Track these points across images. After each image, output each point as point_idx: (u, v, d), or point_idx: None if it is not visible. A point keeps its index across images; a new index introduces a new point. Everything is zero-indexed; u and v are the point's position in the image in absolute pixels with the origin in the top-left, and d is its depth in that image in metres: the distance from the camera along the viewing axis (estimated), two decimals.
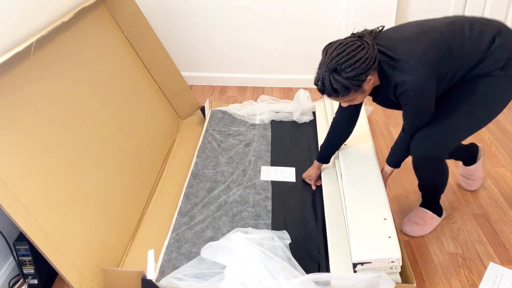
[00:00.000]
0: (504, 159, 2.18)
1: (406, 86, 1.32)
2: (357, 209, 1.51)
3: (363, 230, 1.43)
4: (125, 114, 1.88)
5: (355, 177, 1.65)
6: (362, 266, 1.35)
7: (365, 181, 1.62)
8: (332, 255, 1.47)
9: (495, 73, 1.40)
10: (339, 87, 1.30)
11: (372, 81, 1.36)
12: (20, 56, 1.40)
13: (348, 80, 1.29)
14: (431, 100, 1.39)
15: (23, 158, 1.29)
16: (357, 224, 1.45)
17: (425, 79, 1.32)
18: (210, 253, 1.47)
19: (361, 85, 1.32)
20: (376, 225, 1.43)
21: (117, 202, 1.62)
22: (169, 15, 2.79)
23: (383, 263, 1.34)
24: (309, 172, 1.84)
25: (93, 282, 1.37)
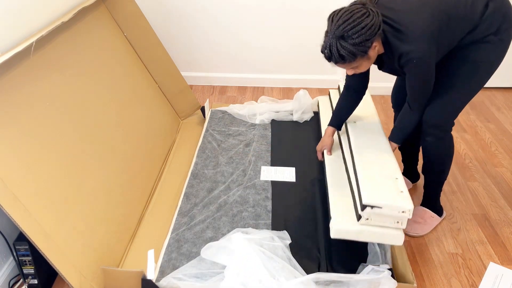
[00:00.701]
0: (504, 159, 2.18)
1: (411, 56, 1.35)
2: (368, 168, 1.47)
3: (375, 182, 1.39)
4: (125, 114, 1.88)
5: (364, 144, 1.60)
6: (371, 209, 1.31)
7: (375, 148, 1.57)
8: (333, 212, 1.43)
9: (489, 38, 1.44)
10: (346, 53, 1.31)
11: (377, 48, 1.38)
12: (20, 56, 1.40)
13: (354, 46, 1.30)
14: (433, 69, 1.42)
15: (23, 158, 1.29)
16: (368, 177, 1.42)
17: (428, 49, 1.35)
18: (210, 253, 1.47)
19: (367, 52, 1.34)
20: (387, 181, 1.40)
21: (117, 202, 1.62)
22: (169, 15, 2.78)
23: (393, 211, 1.30)
24: (323, 141, 1.77)
25: (93, 282, 1.37)
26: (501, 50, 1.47)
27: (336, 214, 1.44)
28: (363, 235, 1.39)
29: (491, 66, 1.50)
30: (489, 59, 1.48)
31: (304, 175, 1.88)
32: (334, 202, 1.50)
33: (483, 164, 2.14)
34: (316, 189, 1.79)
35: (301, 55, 2.89)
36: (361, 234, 1.39)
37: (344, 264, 1.45)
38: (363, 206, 1.33)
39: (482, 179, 2.04)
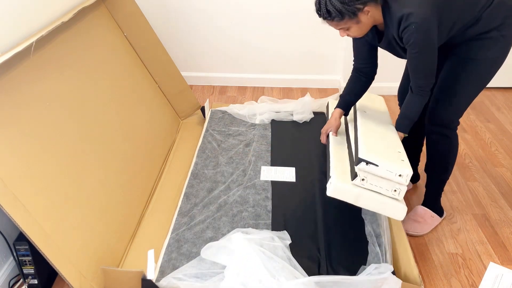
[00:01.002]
0: (504, 159, 2.18)
1: (410, 20, 1.32)
2: (371, 136, 1.42)
3: (376, 145, 1.35)
4: (125, 114, 1.88)
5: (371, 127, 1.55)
6: (366, 165, 1.26)
7: (381, 131, 1.52)
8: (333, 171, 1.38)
9: (491, 34, 1.42)
10: (333, 9, 1.33)
11: (371, 14, 1.37)
12: (20, 56, 1.40)
13: (342, 5, 1.31)
14: (434, 43, 1.37)
15: (23, 158, 1.29)
16: (369, 140, 1.38)
17: (430, 16, 1.32)
18: (210, 253, 1.47)
19: (356, 13, 1.34)
20: (389, 149, 1.36)
21: (117, 202, 1.62)
22: (169, 15, 2.79)
23: (389, 173, 1.26)
24: (329, 122, 1.72)
25: (93, 282, 1.37)
26: (504, 46, 1.46)
27: (336, 174, 1.39)
28: (361, 200, 1.34)
29: (494, 63, 1.49)
30: (491, 56, 1.47)
31: (304, 175, 1.88)
32: (335, 165, 1.43)
33: (483, 164, 2.14)
34: (316, 189, 1.79)
35: (301, 55, 2.89)
36: (359, 198, 1.34)
37: (344, 264, 1.45)
38: (359, 159, 1.28)
39: (482, 179, 2.04)
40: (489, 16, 1.40)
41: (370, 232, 1.56)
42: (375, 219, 1.61)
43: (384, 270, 1.35)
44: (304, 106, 2.29)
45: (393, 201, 1.34)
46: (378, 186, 1.32)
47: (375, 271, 1.36)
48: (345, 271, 1.43)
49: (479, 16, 1.40)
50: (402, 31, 1.37)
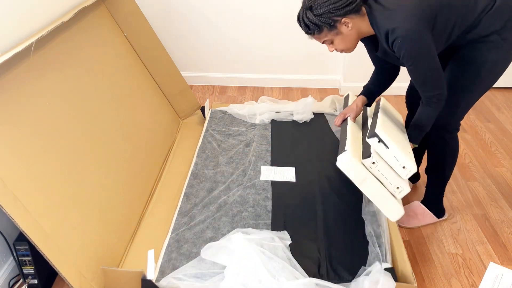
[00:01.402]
0: (504, 159, 2.18)
1: (396, 33, 1.30)
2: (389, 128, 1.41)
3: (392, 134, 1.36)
4: (125, 114, 1.88)
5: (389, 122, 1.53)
6: (378, 143, 1.26)
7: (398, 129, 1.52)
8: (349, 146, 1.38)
9: (492, 37, 1.40)
10: (309, 23, 1.37)
11: (354, 26, 1.37)
12: (20, 56, 1.40)
13: (317, 17, 1.34)
14: (429, 53, 1.34)
15: (23, 158, 1.29)
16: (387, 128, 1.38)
17: (414, 26, 1.29)
18: (210, 253, 1.47)
19: (335, 25, 1.36)
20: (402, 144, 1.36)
21: (117, 202, 1.62)
22: (169, 15, 2.78)
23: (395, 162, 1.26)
24: (350, 107, 1.67)
25: (93, 282, 1.37)
26: (505, 50, 1.43)
27: (351, 149, 1.37)
28: (365, 184, 1.32)
29: (494, 67, 1.46)
30: (491, 60, 1.44)
31: (304, 175, 1.88)
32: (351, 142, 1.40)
33: (483, 164, 2.14)
34: (316, 189, 1.79)
35: (301, 55, 2.89)
36: (364, 182, 1.32)
37: (344, 265, 1.45)
38: (373, 133, 1.27)
39: (482, 179, 2.04)
40: (490, 20, 1.38)
41: (370, 233, 1.56)
42: (375, 219, 1.61)
43: (380, 270, 1.36)
44: (305, 107, 2.29)
45: (394, 199, 1.33)
46: (384, 176, 1.31)
47: (373, 271, 1.36)
48: (345, 271, 1.43)
49: (480, 19, 1.39)
50: (391, 45, 1.36)
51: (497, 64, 1.46)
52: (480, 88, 1.50)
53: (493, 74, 1.48)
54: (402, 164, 1.28)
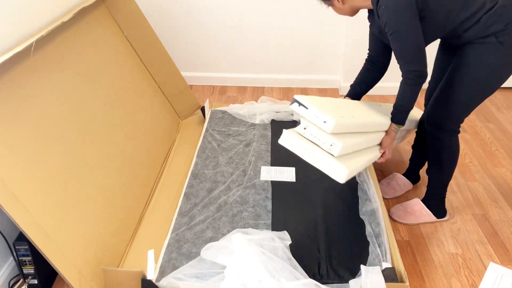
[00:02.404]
0: (504, 159, 2.18)
1: (380, 2, 1.37)
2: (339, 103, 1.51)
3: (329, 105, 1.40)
4: (125, 113, 1.88)
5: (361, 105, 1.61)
6: (298, 106, 1.32)
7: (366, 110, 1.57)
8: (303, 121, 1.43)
9: (489, 39, 1.39)
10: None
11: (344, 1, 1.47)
12: (20, 56, 1.40)
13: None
14: (410, 26, 1.35)
15: (23, 158, 1.29)
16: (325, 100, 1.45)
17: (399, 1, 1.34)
18: (210, 253, 1.47)
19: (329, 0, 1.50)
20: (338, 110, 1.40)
21: (117, 202, 1.62)
22: (169, 15, 2.79)
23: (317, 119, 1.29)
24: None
25: (93, 282, 1.37)
26: (503, 54, 1.40)
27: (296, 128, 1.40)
28: (307, 153, 1.35)
29: (490, 71, 1.43)
30: (486, 63, 1.42)
31: (304, 175, 1.88)
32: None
33: (483, 164, 2.14)
34: (316, 189, 1.79)
35: (301, 55, 2.89)
36: (305, 151, 1.35)
37: (344, 265, 1.45)
38: (293, 100, 1.33)
39: (482, 179, 2.04)
40: (490, 20, 1.36)
41: (370, 233, 1.56)
42: (373, 218, 1.61)
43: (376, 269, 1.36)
44: None
45: (333, 158, 1.32)
46: (317, 137, 1.33)
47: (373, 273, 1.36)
48: (345, 271, 1.43)
49: (480, 17, 1.37)
50: (377, 10, 1.39)
51: (494, 67, 1.43)
52: (474, 90, 1.48)
53: (490, 78, 1.45)
54: (323, 119, 1.30)
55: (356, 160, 1.41)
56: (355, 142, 1.40)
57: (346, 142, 1.33)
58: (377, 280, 1.32)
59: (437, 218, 1.78)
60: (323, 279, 1.41)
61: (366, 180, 1.81)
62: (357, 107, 1.57)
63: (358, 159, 1.43)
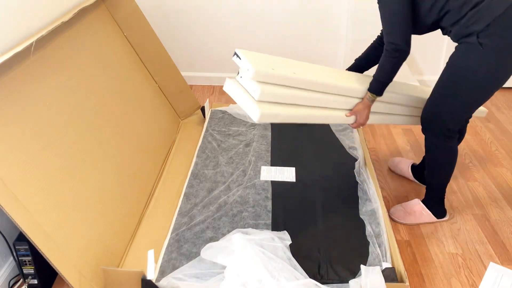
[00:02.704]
0: (504, 159, 2.18)
1: None
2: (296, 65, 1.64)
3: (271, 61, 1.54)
4: (125, 114, 1.88)
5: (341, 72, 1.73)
6: (236, 57, 1.47)
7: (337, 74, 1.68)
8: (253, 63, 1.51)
9: (470, 39, 1.35)
10: None
11: None
12: (20, 56, 1.40)
13: None
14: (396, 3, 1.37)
15: (23, 158, 1.29)
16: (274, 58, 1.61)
17: None
18: (210, 253, 1.47)
19: None
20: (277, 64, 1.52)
21: (117, 202, 1.62)
22: (169, 15, 2.79)
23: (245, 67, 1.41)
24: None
25: (93, 282, 1.37)
26: (484, 56, 1.34)
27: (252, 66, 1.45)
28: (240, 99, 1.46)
29: (473, 74, 1.38)
30: (468, 65, 1.37)
31: (304, 175, 1.88)
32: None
33: (483, 164, 2.14)
34: (316, 189, 1.79)
35: (301, 55, 2.89)
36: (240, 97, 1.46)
37: (344, 265, 1.45)
38: (234, 53, 1.49)
39: (482, 179, 2.04)
40: (473, 18, 1.33)
41: (370, 233, 1.56)
42: (373, 218, 1.62)
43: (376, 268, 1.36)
44: None
45: (253, 102, 1.41)
46: (247, 84, 1.44)
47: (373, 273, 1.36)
48: (345, 271, 1.43)
49: (465, 13, 1.34)
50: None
51: (476, 71, 1.37)
52: (462, 94, 1.43)
53: (475, 83, 1.40)
54: (247, 67, 1.40)
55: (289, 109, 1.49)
56: (286, 94, 1.47)
57: (269, 89, 1.43)
58: (377, 280, 1.32)
59: (437, 219, 1.77)
60: (323, 279, 1.41)
61: (366, 180, 1.81)
62: (321, 71, 1.66)
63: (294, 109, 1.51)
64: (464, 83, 1.41)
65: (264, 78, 1.42)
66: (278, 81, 1.45)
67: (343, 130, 2.17)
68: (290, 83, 1.48)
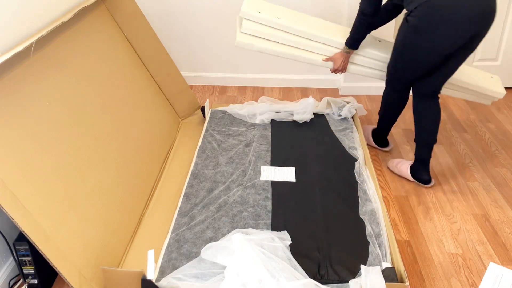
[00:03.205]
0: (504, 159, 2.18)
1: None
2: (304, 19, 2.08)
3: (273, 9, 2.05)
4: (125, 114, 1.88)
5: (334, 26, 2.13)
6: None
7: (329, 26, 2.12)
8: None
9: (406, 16, 1.71)
10: None
11: None
12: (20, 56, 1.40)
13: None
14: None
15: (23, 158, 1.29)
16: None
17: None
18: (210, 253, 1.47)
19: None
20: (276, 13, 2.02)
21: (117, 202, 1.62)
22: (169, 15, 2.79)
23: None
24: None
25: (93, 282, 1.37)
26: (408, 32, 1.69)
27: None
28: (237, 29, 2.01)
29: (400, 45, 1.76)
30: (399, 37, 1.76)
31: (304, 175, 1.88)
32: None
33: (483, 164, 2.14)
34: (316, 189, 1.79)
35: None
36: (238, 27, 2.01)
37: (344, 265, 1.45)
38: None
39: (482, 179, 2.04)
40: (411, 1, 1.66)
41: (370, 233, 1.56)
42: (373, 218, 1.62)
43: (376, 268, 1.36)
44: (306, 107, 2.30)
45: (238, 32, 1.98)
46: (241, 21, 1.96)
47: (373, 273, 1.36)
48: (345, 271, 1.43)
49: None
50: None
51: (401, 41, 1.75)
52: (399, 60, 1.81)
53: (403, 51, 1.76)
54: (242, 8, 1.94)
55: (266, 43, 2.01)
56: (265, 31, 1.98)
57: (250, 25, 1.97)
58: (377, 280, 1.32)
59: (414, 180, 2.02)
60: (323, 279, 1.41)
61: (366, 180, 1.81)
62: (312, 22, 2.07)
63: (271, 44, 2.02)
64: (400, 51, 1.79)
65: (250, 18, 1.97)
66: (262, 22, 1.98)
67: (343, 130, 2.17)
68: (273, 25, 1.98)
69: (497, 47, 2.74)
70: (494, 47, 2.74)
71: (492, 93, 2.09)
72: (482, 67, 2.79)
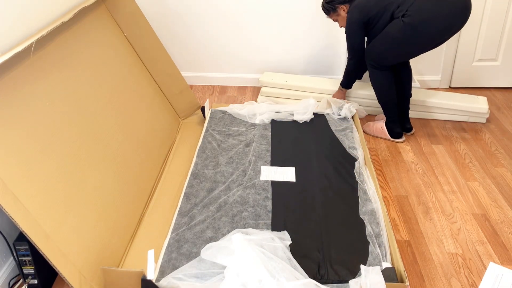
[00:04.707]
0: (504, 159, 2.18)
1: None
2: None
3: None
4: (125, 114, 1.88)
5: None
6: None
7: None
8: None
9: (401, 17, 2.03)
10: (323, 8, 2.29)
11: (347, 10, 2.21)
12: (20, 56, 1.40)
13: (327, 4, 2.25)
14: (354, 29, 2.17)
15: (23, 158, 1.29)
16: None
17: (353, 18, 2.16)
18: (210, 253, 1.47)
19: (336, 10, 2.24)
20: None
21: (117, 202, 1.62)
22: (169, 15, 2.79)
23: None
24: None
25: (93, 282, 1.37)
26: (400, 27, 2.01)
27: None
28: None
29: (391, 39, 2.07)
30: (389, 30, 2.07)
31: (304, 175, 1.88)
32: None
33: (483, 164, 2.14)
34: (316, 189, 1.79)
35: (301, 55, 2.89)
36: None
37: (344, 265, 1.45)
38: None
39: (482, 179, 2.04)
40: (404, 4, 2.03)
41: (370, 233, 1.56)
42: (373, 218, 1.62)
43: (376, 268, 1.36)
44: (306, 108, 2.30)
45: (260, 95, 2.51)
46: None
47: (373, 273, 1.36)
48: (345, 271, 1.43)
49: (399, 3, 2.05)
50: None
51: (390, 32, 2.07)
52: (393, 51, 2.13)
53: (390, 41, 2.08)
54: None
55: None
56: (278, 92, 2.70)
57: (268, 89, 2.73)
58: (377, 280, 1.32)
59: (391, 138, 2.32)
60: (323, 279, 1.41)
61: (366, 180, 1.81)
62: (310, 81, 2.70)
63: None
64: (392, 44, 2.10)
65: (267, 84, 2.73)
66: (276, 85, 2.71)
67: (343, 130, 2.17)
68: (284, 86, 2.69)
69: (497, 47, 2.74)
70: (494, 47, 2.74)
71: (478, 109, 2.44)
72: (482, 67, 2.79)
